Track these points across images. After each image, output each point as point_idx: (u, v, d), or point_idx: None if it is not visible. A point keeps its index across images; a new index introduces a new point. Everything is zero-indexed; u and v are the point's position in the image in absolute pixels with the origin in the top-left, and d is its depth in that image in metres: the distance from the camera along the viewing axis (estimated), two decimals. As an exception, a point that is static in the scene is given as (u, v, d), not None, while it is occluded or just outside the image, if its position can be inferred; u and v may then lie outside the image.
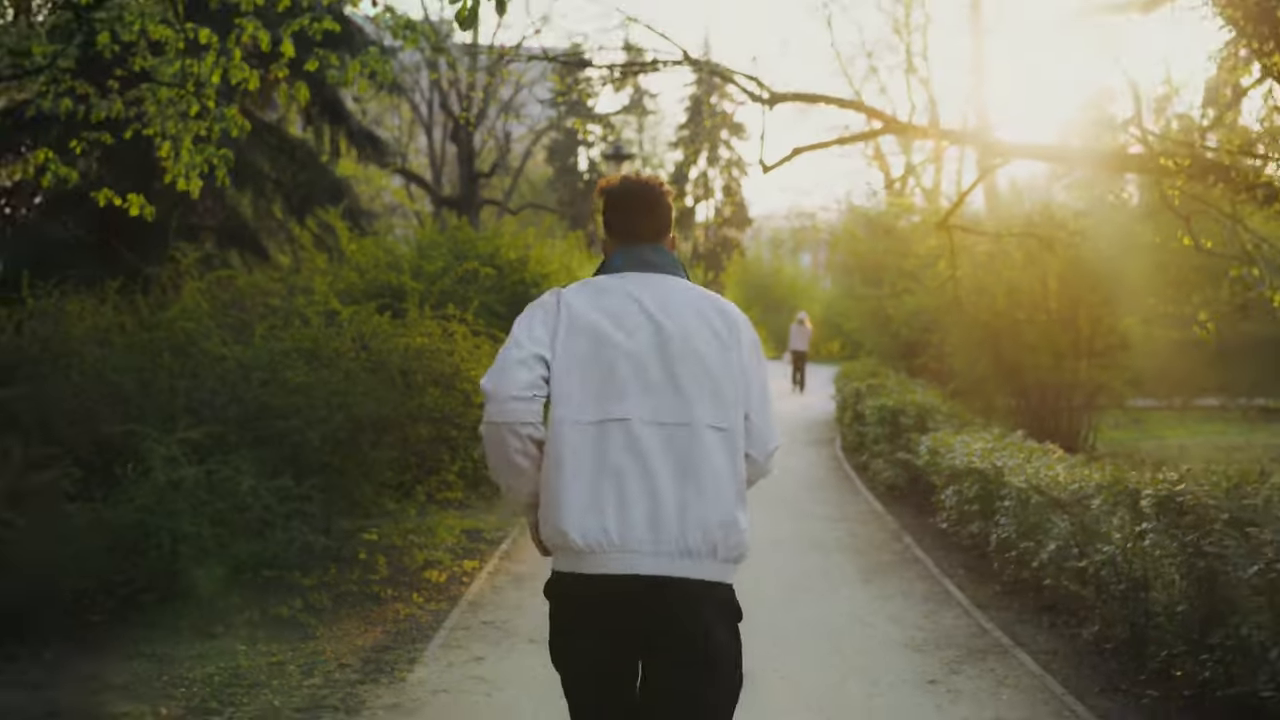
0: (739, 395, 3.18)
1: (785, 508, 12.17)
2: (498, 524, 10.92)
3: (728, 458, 3.12)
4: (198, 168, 9.24)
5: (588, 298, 3.23)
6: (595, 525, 3.03)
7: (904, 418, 12.39)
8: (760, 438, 3.24)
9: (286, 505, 7.83)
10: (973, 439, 10.22)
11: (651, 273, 3.30)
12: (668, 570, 3.03)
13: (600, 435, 3.08)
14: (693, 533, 3.03)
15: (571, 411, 3.09)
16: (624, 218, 3.40)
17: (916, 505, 12.05)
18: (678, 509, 3.03)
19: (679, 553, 3.03)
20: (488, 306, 13.45)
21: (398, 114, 48.41)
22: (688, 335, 3.16)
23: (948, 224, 12.05)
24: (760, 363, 3.30)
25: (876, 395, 14.07)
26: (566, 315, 3.18)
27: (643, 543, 3.02)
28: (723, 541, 3.07)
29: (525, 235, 16.15)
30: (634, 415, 3.08)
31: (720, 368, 3.16)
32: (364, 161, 20.15)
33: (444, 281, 10.66)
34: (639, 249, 3.34)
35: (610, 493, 3.05)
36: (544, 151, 58.14)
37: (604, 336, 3.14)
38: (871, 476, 13.70)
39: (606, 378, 3.12)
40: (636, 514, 3.03)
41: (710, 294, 3.33)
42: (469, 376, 8.87)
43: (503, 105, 47.46)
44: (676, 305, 3.21)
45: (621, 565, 3.02)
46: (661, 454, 3.06)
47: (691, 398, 3.11)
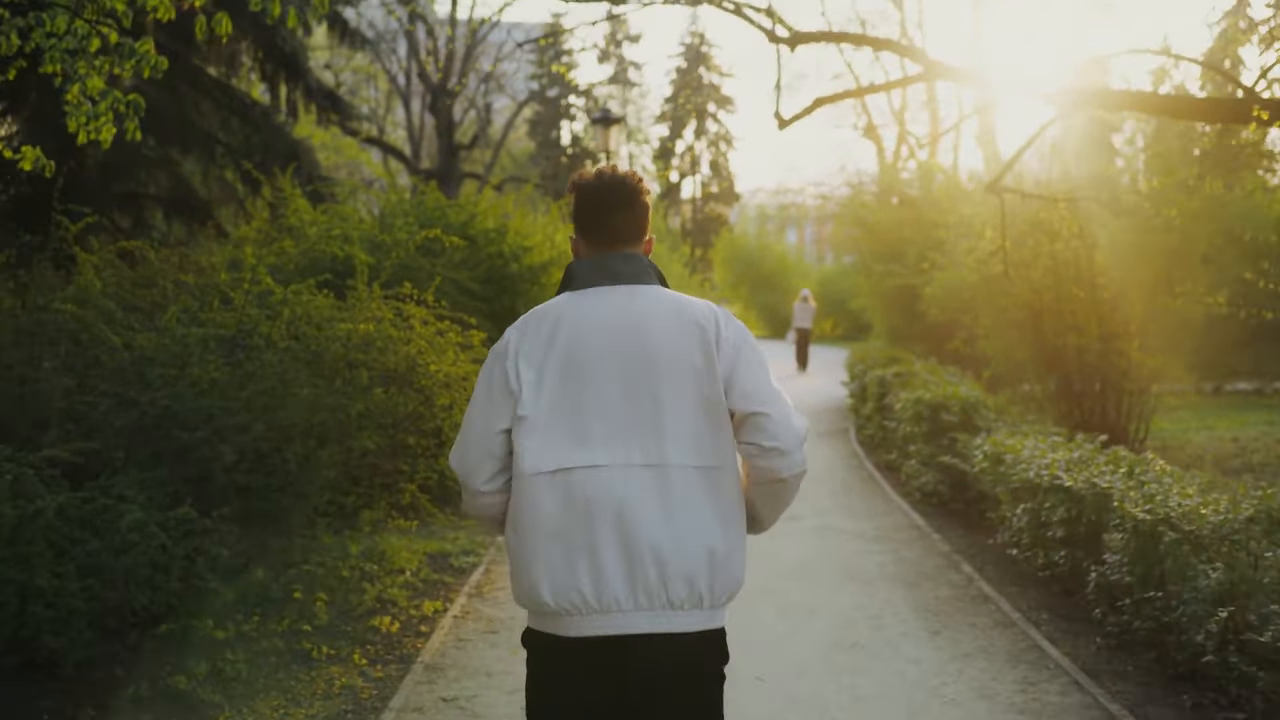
0: (722, 419, 2.90)
1: (806, 518, 10.36)
2: (467, 545, 9.08)
3: (709, 496, 2.87)
4: (101, 116, 7.43)
5: (548, 330, 2.94)
6: (568, 585, 2.79)
7: (946, 414, 10.58)
8: (777, 427, 2.89)
9: (186, 543, 5.99)
10: (1040, 443, 8.43)
11: (621, 285, 3.00)
12: (650, 628, 2.79)
13: (568, 485, 2.83)
14: (676, 584, 2.80)
15: (535, 462, 2.84)
16: (595, 217, 3.09)
17: (963, 519, 10.25)
18: (656, 560, 2.78)
19: (662, 606, 2.80)
20: (458, 284, 11.61)
21: (375, 85, 47.09)
22: (662, 361, 2.89)
23: (998, 186, 10.22)
24: (754, 351, 2.98)
25: (909, 386, 12.24)
26: (525, 358, 2.91)
27: (621, 601, 2.78)
28: (709, 587, 2.83)
29: (503, 203, 14.28)
30: (603, 461, 2.84)
31: (696, 392, 2.89)
32: (325, 123, 18.17)
33: (398, 253, 8.79)
34: (607, 259, 3.04)
35: (581, 549, 2.80)
36: (526, 125, 56.85)
37: (568, 372, 2.88)
38: (904, 480, 11.88)
39: (572, 419, 2.86)
40: (611, 570, 2.78)
41: (685, 301, 3.00)
42: (428, 371, 7.02)
43: (483, 76, 46.11)
44: (649, 325, 2.93)
45: (600, 627, 2.80)
46: (637, 500, 2.81)
47: (668, 435, 2.85)
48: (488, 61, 46.71)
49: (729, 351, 2.91)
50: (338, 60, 39.58)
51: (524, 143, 56.44)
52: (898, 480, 12.38)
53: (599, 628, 2.79)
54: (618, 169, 3.12)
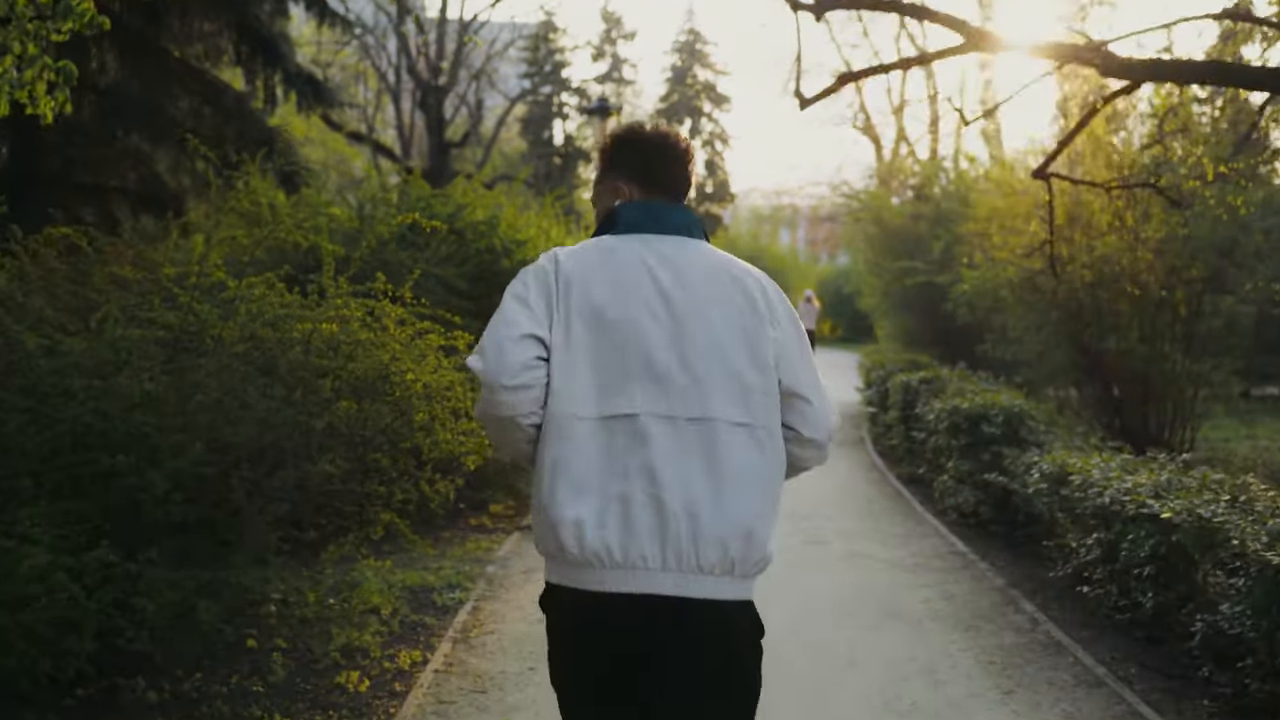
0: (771, 382, 2.70)
1: (832, 543, 9.27)
2: (453, 577, 7.98)
3: (753, 457, 2.65)
4: (27, 85, 6.41)
5: (590, 265, 2.74)
6: (594, 536, 2.56)
7: (987, 426, 9.47)
8: (819, 418, 2.78)
9: (104, 593, 4.88)
10: (1108, 460, 7.36)
11: (669, 234, 2.81)
12: (677, 590, 2.57)
13: (603, 433, 2.61)
14: (708, 547, 2.57)
15: (569, 405, 2.62)
16: (644, 164, 2.93)
17: (1008, 543, 9.17)
18: (690, 520, 2.56)
19: (691, 569, 2.57)
20: (444, 281, 10.46)
21: (365, 84, 46.28)
22: (709, 312, 2.70)
23: (1047, 172, 9.12)
24: (802, 335, 2.83)
25: (941, 394, 11.13)
26: (564, 286, 2.70)
27: (649, 559, 2.55)
28: (742, 556, 2.60)
29: (494, 194, 13.12)
30: (642, 409, 2.61)
31: (747, 351, 2.69)
32: (307, 110, 17.03)
33: (370, 241, 7.66)
34: (655, 205, 2.86)
35: (613, 500, 2.57)
36: (518, 124, 56.01)
37: (608, 314, 2.67)
38: (936, 498, 10.77)
39: (611, 364, 2.64)
40: (642, 525, 2.55)
41: (737, 261, 2.85)
42: (405, 381, 5.89)
43: (474, 72, 45.22)
44: (697, 275, 2.75)
45: (624, 584, 2.56)
46: (674, 455, 2.59)
47: (710, 388, 2.64)
48: (479, 58, 45.98)
49: (782, 324, 2.77)
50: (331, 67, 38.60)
51: (516, 142, 55.52)
52: (928, 497, 11.29)
53: (623, 584, 2.57)
54: (667, 124, 3.05)
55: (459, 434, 6.61)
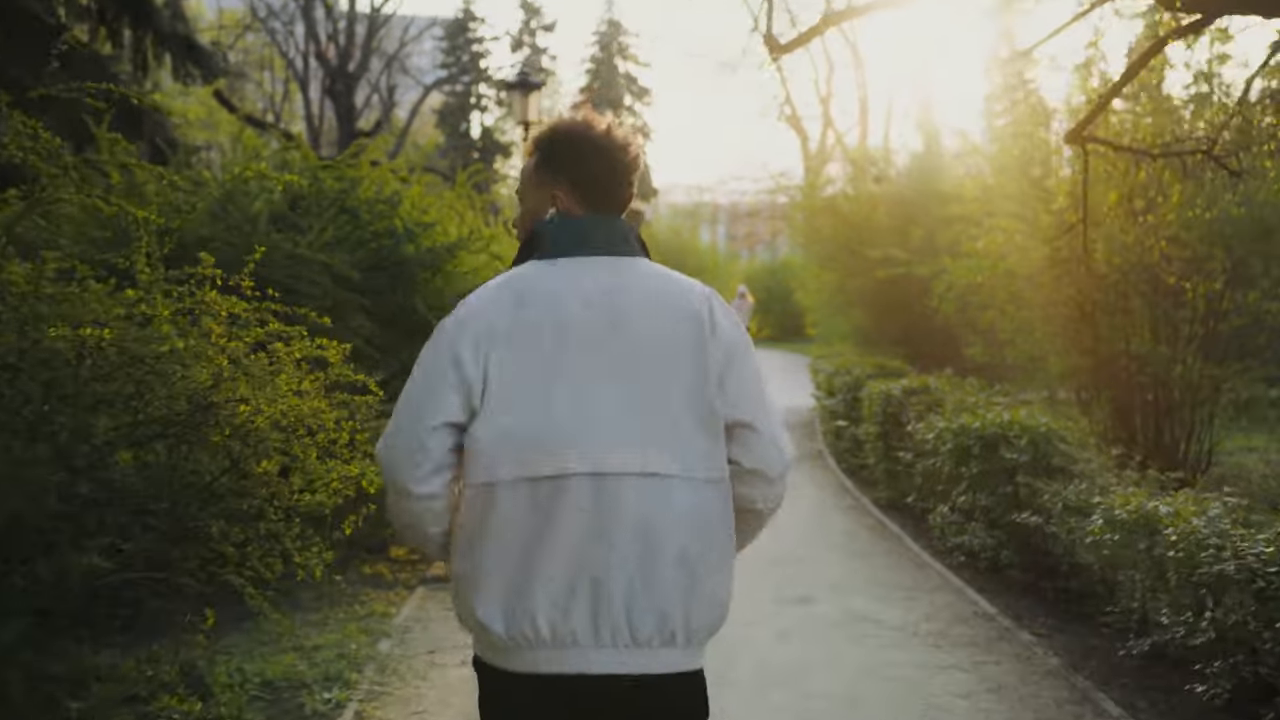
0: (716, 427, 2.39)
1: (819, 600, 7.42)
2: (332, 664, 5.95)
3: (698, 514, 2.34)
4: None
5: (510, 305, 2.39)
6: (521, 614, 2.29)
7: (1008, 450, 7.61)
8: (765, 447, 2.44)
9: None
10: (1206, 509, 5.53)
11: (606, 257, 2.48)
12: (613, 667, 2.29)
13: (528, 496, 2.31)
14: (644, 618, 2.29)
15: (492, 466, 2.32)
16: (587, 174, 2.53)
17: (1038, 595, 7.33)
18: (625, 590, 2.28)
19: (627, 644, 2.29)
20: (329, 270, 8.37)
21: (271, 72, 44.35)
22: (652, 350, 2.38)
23: (1083, 136, 7.29)
24: (748, 349, 2.48)
25: (938, 408, 9.25)
26: (483, 338, 2.35)
27: (581, 634, 2.28)
28: (684, 624, 2.32)
29: (395, 163, 10.95)
30: (575, 468, 2.30)
31: (689, 393, 2.37)
32: (183, 78, 14.83)
33: (203, 204, 5.64)
34: (586, 223, 2.51)
35: (540, 573, 2.28)
36: (434, 117, 54.34)
37: (537, 358, 2.35)
38: (938, 536, 8.85)
39: (540, 417, 2.32)
40: (575, 599, 2.28)
41: (679, 279, 2.51)
42: (237, 412, 3.86)
43: (387, 59, 43.52)
44: (635, 306, 2.41)
45: (555, 664, 2.30)
46: (610, 516, 2.29)
47: (647, 440, 2.33)
48: (392, 44, 44.25)
49: (724, 344, 2.43)
50: (233, 49, 36.34)
51: (432, 134, 53.61)
52: (919, 530, 9.42)
53: (554, 664, 2.30)
54: (608, 118, 2.58)
55: (333, 480, 4.63)
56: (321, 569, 4.54)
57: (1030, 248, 10.50)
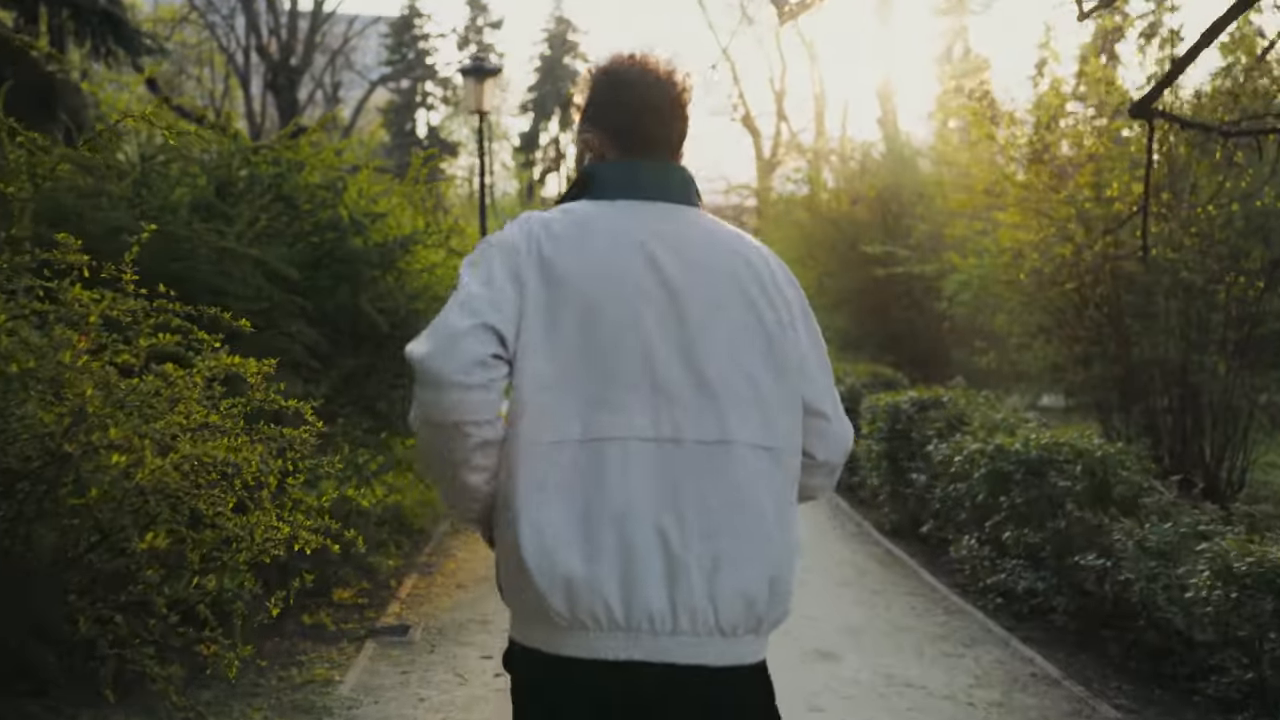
0: (794, 394, 2.11)
1: (843, 656, 6.35)
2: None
3: (776, 489, 2.06)
4: None
5: (572, 241, 2.05)
6: (590, 595, 1.93)
7: (1058, 477, 6.50)
8: (837, 438, 2.21)
9: None
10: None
11: (664, 203, 2.16)
12: (695, 657, 1.97)
13: (591, 461, 1.98)
14: (729, 602, 1.98)
15: (546, 426, 1.98)
16: (636, 116, 2.21)
17: (1099, 651, 6.24)
18: (705, 569, 1.97)
19: (710, 631, 1.98)
20: (267, 268, 7.13)
21: (212, 68, 42.91)
22: (720, 305, 2.08)
23: (1150, 109, 6.21)
24: (817, 333, 2.22)
25: (965, 426, 8.14)
26: (542, 268, 2.02)
27: (659, 618, 1.95)
28: (768, 611, 2.03)
29: (340, 144, 9.64)
30: (640, 431, 2.00)
31: (767, 354, 2.09)
32: (104, 58, 13.48)
33: (116, 203, 4.48)
34: (645, 166, 2.18)
35: (610, 547, 1.94)
36: (380, 116, 53.10)
37: (595, 306, 2.02)
38: (968, 572, 7.71)
39: (600, 373, 2.01)
40: (648, 577, 1.94)
41: (742, 235, 2.21)
42: (108, 469, 2.70)
43: (331, 54, 42.30)
44: (701, 257, 2.10)
45: (627, 649, 1.96)
46: (681, 487, 1.99)
47: (725, 403, 2.04)
48: (336, 39, 43.06)
49: (798, 319, 2.15)
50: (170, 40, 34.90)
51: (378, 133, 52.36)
52: (937, 563, 8.31)
53: (625, 650, 1.95)
54: (661, 59, 2.22)
55: (255, 540, 3.45)
56: (237, 666, 3.34)
57: (1051, 244, 9.41)
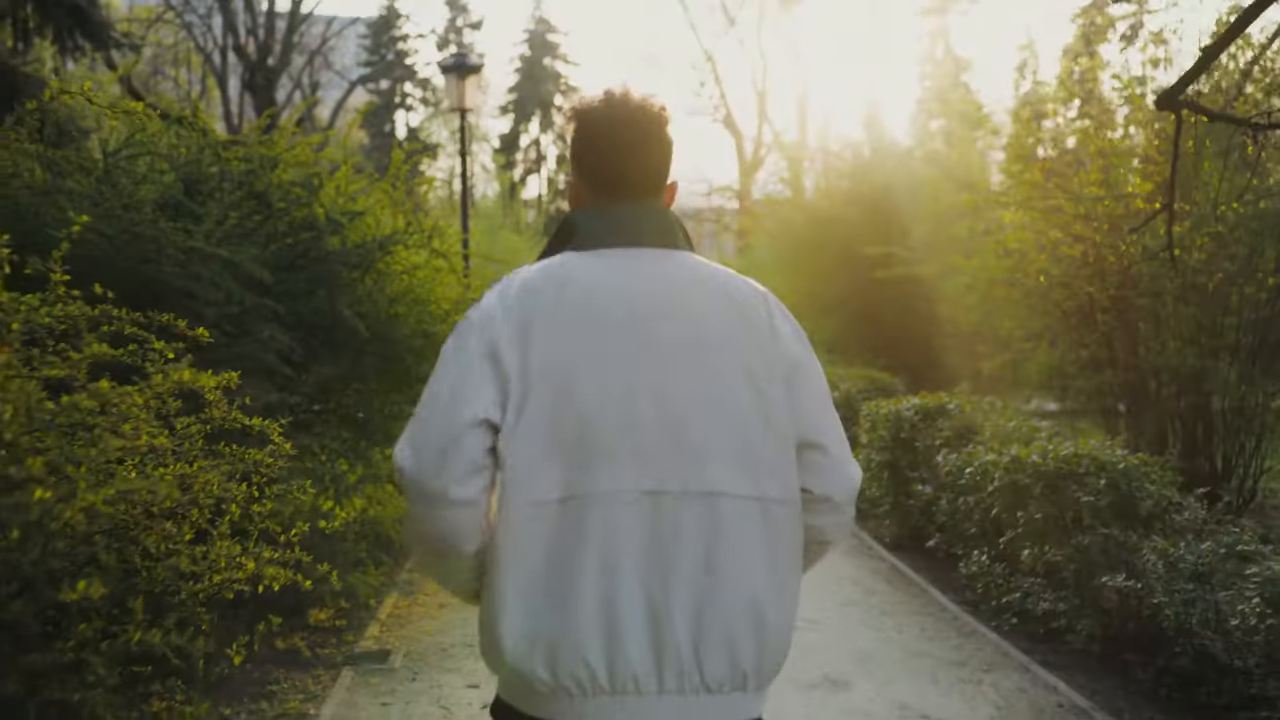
0: (786, 440, 2.03)
1: (853, 681, 5.93)
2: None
3: (766, 541, 1.98)
4: None
5: (549, 303, 2.01)
6: (571, 657, 1.89)
7: (1080, 491, 6.10)
8: (834, 470, 2.08)
9: None
10: None
11: (644, 248, 2.11)
12: (683, 717, 1.92)
13: (571, 519, 1.93)
14: (715, 658, 1.92)
15: (528, 487, 1.93)
16: (603, 157, 2.17)
17: (1126, 676, 5.84)
18: (691, 626, 1.92)
19: (696, 689, 1.92)
20: (238, 270, 6.69)
21: (189, 69, 42.49)
22: (703, 351, 2.02)
23: (1176, 100, 5.84)
24: (812, 367, 2.12)
25: (975, 435, 7.75)
26: (518, 335, 1.98)
27: (644, 679, 1.90)
28: (756, 667, 1.96)
29: (315, 137, 9.14)
30: (623, 488, 1.93)
31: (754, 400, 2.01)
32: (70, 52, 13.00)
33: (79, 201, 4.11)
34: (622, 212, 2.14)
35: (592, 607, 1.90)
36: (359, 118, 52.48)
37: (574, 367, 1.97)
38: (979, 590, 7.31)
39: (579, 431, 1.94)
40: (632, 638, 1.91)
41: (732, 275, 2.15)
42: (29, 507, 2.31)
43: (309, 54, 41.94)
44: (686, 305, 2.06)
45: (611, 714, 1.91)
46: (665, 544, 1.93)
47: (708, 454, 1.97)
48: (314, 39, 42.70)
49: (786, 350, 2.07)
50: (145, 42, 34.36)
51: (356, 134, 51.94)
52: (945, 579, 7.93)
53: (609, 715, 1.91)
54: (632, 93, 2.18)
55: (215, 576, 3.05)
56: None
57: (1059, 245, 9.04)
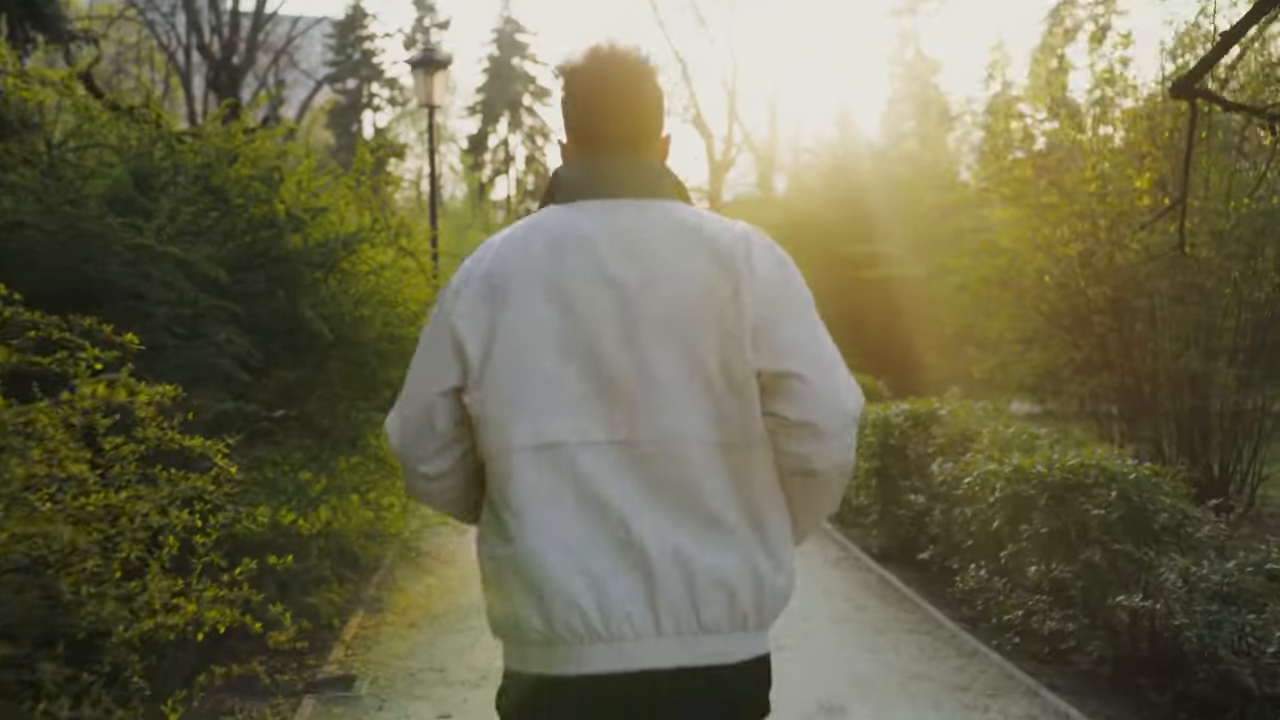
0: (750, 383, 1.95)
1: (850, 708, 5.52)
2: None
3: (738, 482, 1.96)
4: None
5: (516, 251, 2.03)
6: (564, 602, 1.89)
7: (1089, 503, 5.74)
8: (815, 397, 1.93)
9: None
10: None
11: (622, 199, 2.06)
12: (683, 659, 1.90)
13: (552, 465, 1.93)
14: (712, 598, 1.91)
15: (502, 432, 1.96)
16: (585, 112, 2.15)
17: (1140, 700, 5.49)
18: (680, 566, 1.90)
19: (695, 630, 1.91)
20: (191, 270, 6.26)
21: (152, 68, 41.84)
22: (671, 300, 1.97)
23: (1193, 88, 5.50)
24: (798, 292, 2.02)
25: (973, 443, 7.39)
26: (485, 290, 2.00)
27: (640, 623, 1.89)
28: (755, 604, 1.94)
29: (278, 129, 8.63)
30: (592, 434, 1.94)
31: (719, 344, 1.96)
32: (21, 44, 12.49)
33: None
34: (605, 162, 2.10)
35: (577, 555, 1.90)
36: (323, 116, 52.17)
37: (546, 313, 1.97)
38: (979, 607, 6.94)
39: (548, 379, 1.95)
40: (623, 583, 1.89)
41: (715, 219, 2.07)
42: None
43: (275, 53, 41.38)
44: (657, 251, 2.00)
45: (612, 660, 1.89)
46: (643, 487, 1.92)
47: (676, 400, 1.95)
48: (280, 38, 42.16)
49: (762, 288, 1.97)
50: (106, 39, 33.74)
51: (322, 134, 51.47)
52: (940, 594, 7.56)
53: (606, 661, 1.89)
54: (615, 46, 2.12)
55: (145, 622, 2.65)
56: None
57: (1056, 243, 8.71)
